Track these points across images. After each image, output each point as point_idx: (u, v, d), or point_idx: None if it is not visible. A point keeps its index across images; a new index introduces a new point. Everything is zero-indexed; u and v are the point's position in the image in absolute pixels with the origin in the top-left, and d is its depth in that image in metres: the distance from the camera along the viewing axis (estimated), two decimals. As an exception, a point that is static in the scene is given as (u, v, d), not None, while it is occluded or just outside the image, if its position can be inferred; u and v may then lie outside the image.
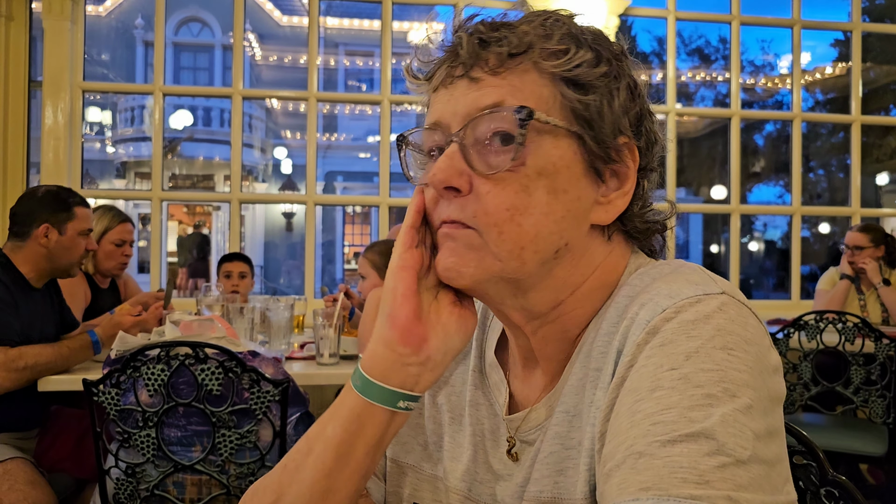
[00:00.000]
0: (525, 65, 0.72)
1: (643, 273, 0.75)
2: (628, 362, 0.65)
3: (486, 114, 0.71)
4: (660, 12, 4.97)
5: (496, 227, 0.70)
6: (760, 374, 0.62)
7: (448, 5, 4.78)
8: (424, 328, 0.73)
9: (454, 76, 0.74)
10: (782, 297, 8.63)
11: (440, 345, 0.74)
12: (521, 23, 0.74)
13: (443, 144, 0.75)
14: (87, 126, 19.15)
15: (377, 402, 0.72)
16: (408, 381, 0.73)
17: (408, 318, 0.72)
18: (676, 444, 0.56)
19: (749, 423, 0.57)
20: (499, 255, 0.71)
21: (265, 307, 2.85)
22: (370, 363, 0.73)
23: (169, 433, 1.99)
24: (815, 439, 0.98)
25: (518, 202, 0.70)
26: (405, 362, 0.72)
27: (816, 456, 0.99)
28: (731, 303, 0.66)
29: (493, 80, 0.72)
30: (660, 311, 0.66)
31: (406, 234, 0.75)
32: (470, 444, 0.85)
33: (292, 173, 20.85)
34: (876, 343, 3.06)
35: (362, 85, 22.65)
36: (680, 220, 0.91)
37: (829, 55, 20.76)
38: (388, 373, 0.72)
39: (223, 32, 21.01)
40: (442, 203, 0.74)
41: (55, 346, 2.42)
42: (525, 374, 0.82)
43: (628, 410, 0.61)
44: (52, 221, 2.53)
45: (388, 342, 0.73)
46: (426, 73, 0.78)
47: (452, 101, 0.74)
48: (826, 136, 20.57)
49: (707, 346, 0.61)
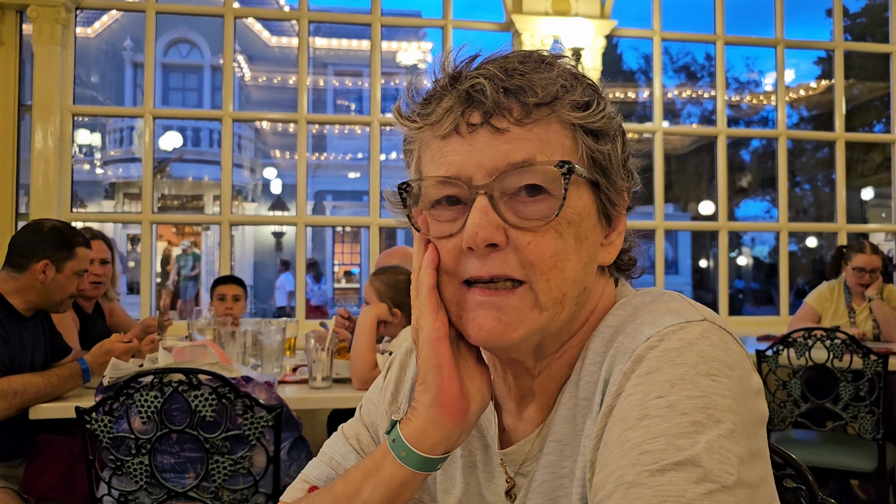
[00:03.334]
0: (549, 116, 0.72)
1: (625, 303, 0.77)
2: (615, 391, 0.67)
3: (520, 168, 0.70)
4: (646, 33, 5.03)
5: (543, 276, 0.71)
6: (743, 399, 0.64)
7: (437, 27, 4.83)
8: (467, 400, 0.75)
9: (471, 124, 0.72)
10: (770, 312, 8.67)
11: (478, 409, 0.76)
12: (534, 70, 0.73)
13: (462, 196, 0.73)
14: (77, 148, 19.10)
15: (421, 471, 0.74)
16: (450, 447, 0.76)
17: (456, 397, 0.74)
18: (665, 472, 0.57)
19: (733, 448, 0.59)
20: (545, 306, 0.71)
21: (257, 330, 2.85)
22: (419, 440, 0.74)
23: (162, 460, 1.98)
24: (805, 456, 1.00)
25: (558, 248, 0.71)
26: (450, 434, 0.74)
27: (806, 479, 1.00)
28: (712, 329, 0.68)
29: (520, 131, 0.71)
30: (644, 340, 0.68)
31: (430, 299, 0.74)
32: (461, 477, 0.86)
33: (282, 192, 20.84)
34: (864, 359, 3.08)
35: (351, 104, 22.74)
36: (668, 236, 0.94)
37: (813, 72, 21.01)
38: (437, 446, 0.74)
39: (212, 53, 21.06)
40: (471, 260, 0.72)
41: (44, 375, 2.41)
42: (518, 410, 0.83)
43: (617, 439, 0.63)
44: (52, 259, 2.51)
45: (437, 421, 0.74)
46: (425, 115, 0.75)
47: (475, 153, 0.72)
48: (811, 151, 20.78)
49: (691, 373, 0.63)
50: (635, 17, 5.29)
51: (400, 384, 0.94)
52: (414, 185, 0.77)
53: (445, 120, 0.73)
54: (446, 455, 0.76)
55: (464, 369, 0.76)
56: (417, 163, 0.79)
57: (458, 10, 4.79)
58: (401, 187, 0.77)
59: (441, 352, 0.73)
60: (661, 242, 5.01)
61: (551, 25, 4.57)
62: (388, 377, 0.95)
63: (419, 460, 0.74)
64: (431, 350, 0.73)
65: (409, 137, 0.80)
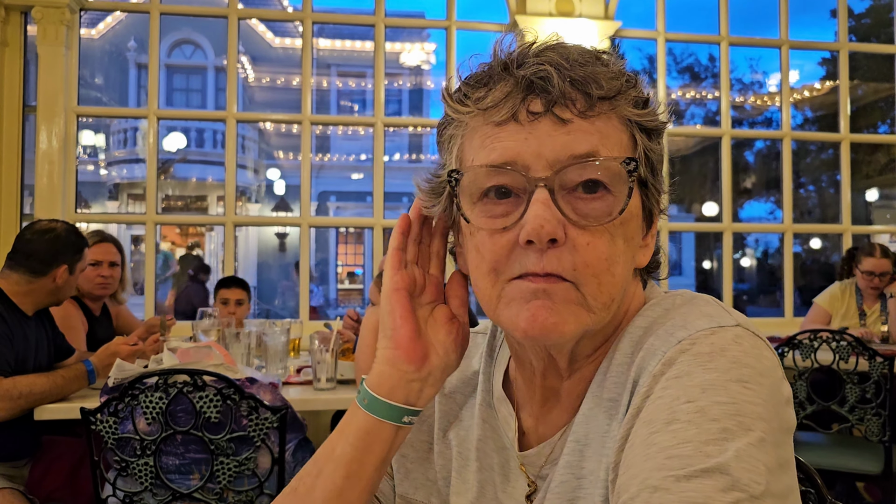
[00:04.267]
0: (610, 111, 0.70)
1: (655, 304, 0.76)
2: (644, 393, 0.66)
3: (583, 162, 0.68)
4: (649, 34, 5.03)
5: (596, 279, 0.69)
6: (774, 407, 0.63)
7: (440, 28, 4.83)
8: (424, 345, 0.77)
9: (532, 112, 0.69)
10: (775, 314, 8.67)
11: (439, 361, 0.77)
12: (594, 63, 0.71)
13: (516, 187, 0.70)
14: (81, 149, 19.15)
15: (384, 419, 0.75)
16: (411, 396, 0.76)
17: (409, 336, 0.76)
18: (692, 479, 0.56)
19: (762, 457, 0.58)
20: (593, 308, 0.69)
21: (261, 331, 2.85)
22: (376, 381, 0.76)
23: (167, 461, 1.98)
24: (811, 458, 0.99)
25: (611, 252, 0.69)
26: (408, 379, 0.76)
27: (815, 482, 0.99)
28: (745, 335, 0.67)
29: (583, 123, 0.69)
30: (675, 343, 0.67)
31: (393, 258, 0.78)
32: (476, 480, 0.84)
33: (285, 193, 20.87)
34: (870, 361, 3.07)
35: (354, 105, 22.76)
36: (672, 237, 0.93)
37: (817, 73, 20.97)
38: (394, 390, 0.76)
39: (216, 54, 21.10)
40: (528, 255, 0.69)
41: (49, 376, 2.41)
42: (542, 413, 0.81)
43: (643, 442, 0.61)
44: (69, 263, 2.61)
45: (392, 361, 0.76)
46: (478, 99, 0.72)
47: (533, 141, 0.69)
48: (816, 152, 20.74)
49: (723, 378, 0.62)
50: (639, 19, 5.29)
51: None
52: (466, 172, 0.72)
53: (503, 106, 0.70)
54: (412, 409, 0.76)
55: (429, 323, 0.78)
56: (459, 150, 0.75)
57: (461, 11, 4.79)
58: (451, 174, 0.73)
59: (396, 300, 0.76)
60: (665, 244, 5.00)
61: (555, 26, 4.57)
62: None
63: (380, 406, 0.75)
64: (388, 299, 0.77)
65: (452, 121, 0.76)
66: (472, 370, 0.90)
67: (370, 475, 0.75)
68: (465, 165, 0.74)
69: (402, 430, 0.77)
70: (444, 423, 0.90)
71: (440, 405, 0.90)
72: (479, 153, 0.72)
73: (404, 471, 0.90)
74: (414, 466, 0.91)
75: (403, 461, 0.91)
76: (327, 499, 0.74)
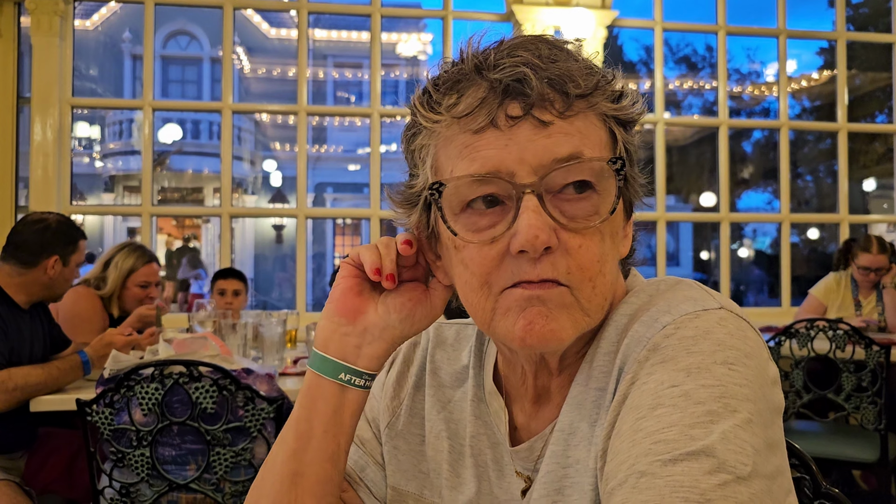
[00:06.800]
0: (587, 109, 0.69)
1: (639, 291, 0.75)
2: (630, 379, 0.65)
3: (567, 165, 0.67)
4: (647, 23, 5.01)
5: (590, 282, 0.68)
6: (760, 388, 0.63)
7: (437, 18, 4.81)
8: (361, 301, 0.78)
9: (511, 116, 0.67)
10: (773, 304, 8.68)
11: (377, 319, 0.77)
12: (567, 59, 0.69)
13: (503, 195, 0.68)
14: (76, 140, 19.09)
15: (322, 374, 0.77)
16: (347, 351, 0.77)
17: (343, 292, 0.78)
18: (678, 462, 0.56)
19: (749, 438, 0.58)
20: (588, 311, 0.69)
21: (258, 323, 2.85)
22: (317, 337, 0.79)
23: (163, 452, 1.98)
24: (807, 446, 0.99)
25: (602, 252, 0.69)
26: (342, 332, 0.77)
27: (809, 468, 0.99)
28: (729, 317, 0.67)
29: (563, 124, 0.67)
30: (660, 328, 0.67)
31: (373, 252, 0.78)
32: (473, 477, 0.83)
33: (282, 185, 20.82)
34: (866, 350, 3.08)
35: (351, 96, 22.67)
36: (670, 228, 0.93)
37: (815, 63, 20.91)
38: (328, 342, 0.77)
39: (211, 45, 21.00)
40: (520, 264, 0.67)
41: (44, 367, 2.41)
42: (534, 410, 0.80)
43: (630, 428, 0.61)
44: (61, 254, 2.58)
45: (326, 314, 0.78)
46: (450, 106, 0.69)
47: (514, 147, 0.67)
48: (813, 142, 20.71)
49: (707, 361, 0.62)
50: (636, 8, 5.26)
51: (402, 379, 0.92)
52: (448, 184, 0.69)
53: (479, 112, 0.67)
54: (349, 366, 0.76)
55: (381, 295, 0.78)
56: (434, 160, 0.72)
57: (458, 0, 4.77)
58: (433, 187, 0.70)
59: (343, 266, 0.79)
60: (662, 234, 5.00)
61: (552, 16, 4.55)
62: (391, 371, 0.93)
63: (317, 360, 0.77)
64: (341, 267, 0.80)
65: (422, 129, 0.72)
66: (461, 364, 0.89)
67: (320, 438, 0.76)
68: (444, 176, 0.71)
69: (348, 392, 0.77)
70: (434, 413, 0.89)
71: (431, 398, 0.89)
72: (458, 163, 0.69)
73: (396, 462, 0.89)
74: (406, 458, 0.90)
75: (395, 452, 0.90)
76: (283, 462, 0.76)
